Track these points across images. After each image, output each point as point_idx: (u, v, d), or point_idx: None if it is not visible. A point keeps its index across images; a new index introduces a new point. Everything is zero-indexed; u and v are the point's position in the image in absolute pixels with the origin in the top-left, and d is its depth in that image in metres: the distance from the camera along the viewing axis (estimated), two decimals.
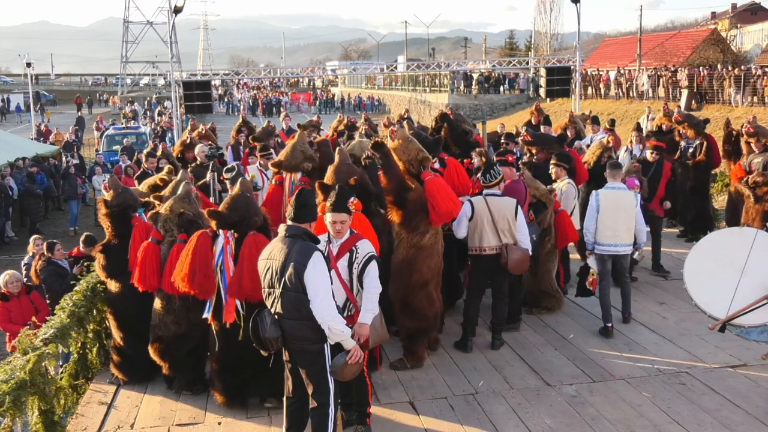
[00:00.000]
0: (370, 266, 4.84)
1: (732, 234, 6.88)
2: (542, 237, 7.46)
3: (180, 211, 5.82)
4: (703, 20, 68.97)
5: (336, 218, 4.79)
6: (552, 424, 5.35)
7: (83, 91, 64.83)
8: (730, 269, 6.48)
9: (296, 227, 4.47)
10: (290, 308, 4.37)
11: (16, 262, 8.51)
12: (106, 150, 23.41)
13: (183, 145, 10.50)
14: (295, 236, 4.43)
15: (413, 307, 6.12)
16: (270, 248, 4.53)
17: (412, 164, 6.17)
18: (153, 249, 5.81)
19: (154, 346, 5.88)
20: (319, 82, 66.98)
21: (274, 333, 4.41)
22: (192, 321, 5.72)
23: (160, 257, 5.77)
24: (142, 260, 5.76)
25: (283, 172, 7.27)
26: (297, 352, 4.50)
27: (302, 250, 4.34)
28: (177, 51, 50.60)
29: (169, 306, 5.78)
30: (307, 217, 4.53)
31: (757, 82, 24.22)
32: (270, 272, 4.43)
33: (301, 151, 7.09)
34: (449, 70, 39.49)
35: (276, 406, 5.47)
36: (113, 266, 6.17)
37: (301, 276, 4.30)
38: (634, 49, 38.88)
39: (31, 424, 5.16)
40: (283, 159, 7.14)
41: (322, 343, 4.43)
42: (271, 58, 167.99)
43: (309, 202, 4.57)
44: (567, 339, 7.02)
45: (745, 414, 5.44)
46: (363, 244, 4.90)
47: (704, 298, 6.66)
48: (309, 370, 4.50)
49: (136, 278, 5.79)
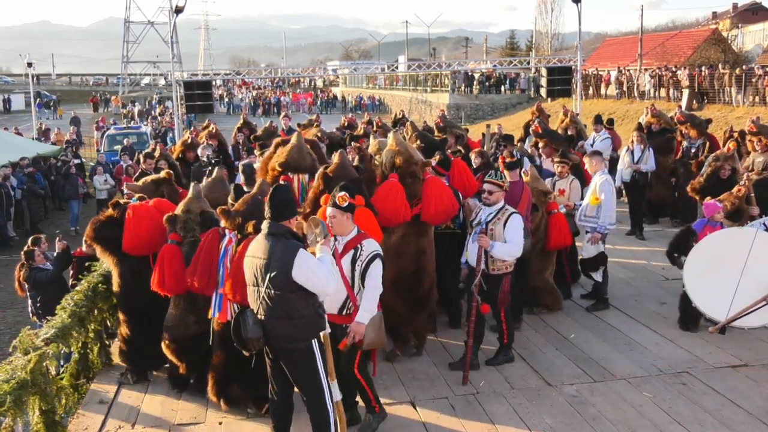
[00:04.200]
0: (373, 265, 4.83)
1: (731, 235, 6.87)
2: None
3: (201, 209, 5.81)
4: (704, 20, 68.88)
5: (329, 212, 4.87)
6: (553, 424, 5.35)
7: (84, 91, 64.92)
8: (730, 270, 6.49)
9: (278, 225, 4.44)
10: (275, 307, 4.35)
11: (17, 262, 8.50)
12: (107, 150, 23.44)
13: (184, 144, 10.52)
14: (277, 234, 4.40)
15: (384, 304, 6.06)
16: (253, 246, 4.51)
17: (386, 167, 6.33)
18: (175, 252, 5.67)
19: (172, 347, 5.80)
20: (320, 82, 66.97)
21: (255, 333, 4.38)
22: (210, 321, 5.66)
23: (183, 259, 5.66)
24: (162, 263, 5.61)
25: (289, 173, 7.06)
26: (284, 352, 4.47)
27: (286, 249, 4.33)
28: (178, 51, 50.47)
29: (193, 306, 5.72)
30: (286, 214, 4.49)
31: (759, 81, 24.20)
32: (254, 271, 4.42)
33: (308, 153, 7.05)
34: (450, 70, 39.43)
35: (256, 413, 5.49)
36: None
37: (288, 275, 4.28)
38: (635, 49, 38.87)
39: (32, 423, 5.15)
40: (286, 160, 6.97)
41: (310, 341, 4.42)
42: (272, 58, 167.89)
43: (283, 198, 4.51)
44: (568, 339, 7.02)
45: (746, 414, 5.44)
46: (368, 243, 4.89)
47: (704, 300, 6.66)
48: (299, 370, 4.47)
49: (155, 282, 5.63)
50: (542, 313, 7.69)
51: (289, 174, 7.02)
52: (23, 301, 9.12)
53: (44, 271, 7.96)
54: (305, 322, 4.40)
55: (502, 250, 5.95)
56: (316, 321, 4.46)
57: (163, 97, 50.46)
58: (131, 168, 14.45)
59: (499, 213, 6.09)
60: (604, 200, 7.49)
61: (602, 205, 7.50)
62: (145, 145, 21.50)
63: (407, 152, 6.44)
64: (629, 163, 10.60)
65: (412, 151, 6.53)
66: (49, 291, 7.81)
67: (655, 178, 11.09)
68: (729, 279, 6.50)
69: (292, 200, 4.61)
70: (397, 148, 6.43)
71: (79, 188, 17.00)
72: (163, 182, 7.10)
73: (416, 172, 6.39)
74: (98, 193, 16.86)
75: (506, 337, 6.39)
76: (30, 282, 7.98)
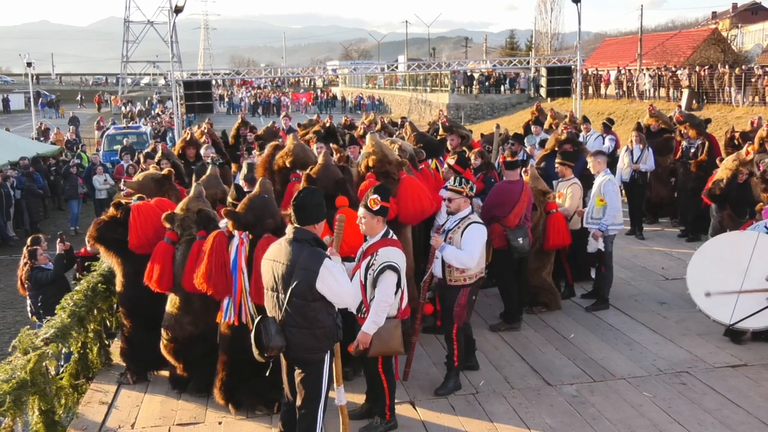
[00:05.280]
0: (383, 275, 4.78)
1: (734, 238, 6.89)
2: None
3: (198, 208, 5.81)
4: (704, 20, 68.95)
5: (360, 212, 4.94)
6: (553, 424, 5.35)
7: (84, 90, 64.89)
8: (733, 273, 6.49)
9: (303, 231, 4.28)
10: (295, 315, 4.24)
11: (17, 262, 8.50)
12: (107, 150, 23.45)
13: (184, 142, 10.49)
14: (302, 240, 4.26)
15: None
16: (275, 250, 4.36)
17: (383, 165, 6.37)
18: (168, 249, 5.70)
19: (169, 346, 5.80)
20: (320, 82, 66.98)
21: (278, 342, 4.24)
22: (209, 322, 5.64)
23: (173, 258, 5.69)
24: (156, 260, 5.65)
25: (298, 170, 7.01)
26: (298, 360, 4.40)
27: (311, 257, 4.19)
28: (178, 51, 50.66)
29: (188, 306, 5.70)
30: (311, 218, 4.30)
31: (758, 81, 24.21)
32: (274, 275, 4.29)
33: (310, 150, 7.08)
34: (450, 70, 39.49)
35: (266, 413, 5.48)
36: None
37: (312, 284, 4.17)
38: (634, 48, 38.89)
39: (32, 423, 5.15)
40: (295, 158, 6.94)
41: (324, 353, 4.36)
42: (272, 58, 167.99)
43: (308, 202, 4.32)
44: (568, 339, 7.02)
45: (745, 414, 5.44)
46: (384, 252, 4.83)
47: (708, 303, 6.67)
48: (305, 376, 4.41)
49: (147, 278, 5.66)
50: (542, 312, 7.69)
51: (298, 171, 7.02)
52: (23, 301, 9.12)
53: (45, 272, 7.97)
54: (324, 333, 4.30)
55: (452, 255, 5.56)
56: (334, 332, 4.37)
57: (163, 97, 50.47)
58: (132, 168, 14.46)
59: (461, 222, 5.69)
60: (608, 201, 7.50)
61: (607, 206, 7.51)
62: (145, 144, 21.51)
63: (381, 152, 6.45)
64: (629, 162, 10.60)
65: (387, 152, 6.53)
66: (49, 290, 7.82)
67: (654, 178, 11.10)
68: (732, 282, 6.50)
69: (321, 204, 4.41)
70: (371, 149, 6.47)
71: (78, 188, 17.00)
72: (163, 181, 7.11)
73: (390, 172, 6.39)
74: (98, 193, 16.86)
75: (456, 358, 5.81)
76: (31, 281, 7.98)
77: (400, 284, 4.90)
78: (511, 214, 6.92)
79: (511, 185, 7.05)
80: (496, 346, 6.89)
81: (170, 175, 7.19)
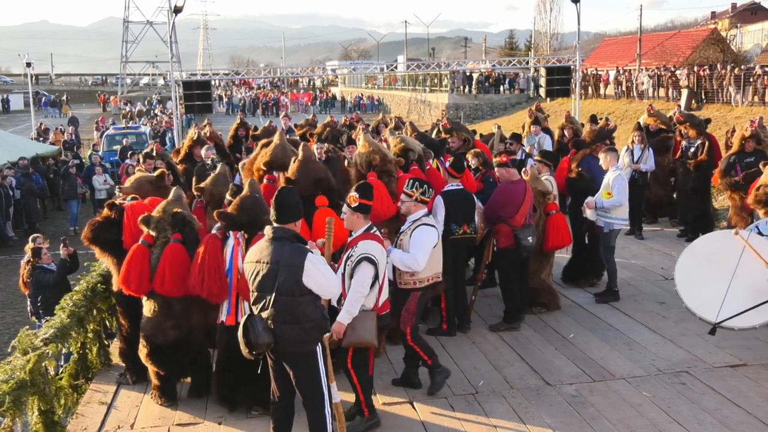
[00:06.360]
0: (359, 267, 4.85)
1: (724, 236, 6.89)
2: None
3: (174, 210, 5.80)
4: (703, 20, 69.01)
5: (344, 208, 5.06)
6: (552, 424, 5.35)
7: (84, 90, 64.88)
8: (721, 271, 6.48)
9: (283, 229, 4.39)
10: (283, 312, 4.30)
11: (17, 262, 8.50)
12: (106, 150, 23.44)
13: (192, 141, 10.44)
14: (282, 239, 4.35)
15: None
16: (257, 251, 4.44)
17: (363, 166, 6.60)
18: (143, 252, 5.59)
19: (150, 356, 5.60)
20: (319, 82, 66.97)
21: (266, 339, 4.29)
22: (193, 325, 5.61)
23: (149, 260, 5.58)
24: (131, 263, 5.53)
25: (274, 171, 7.10)
26: (288, 356, 4.42)
27: (294, 253, 4.29)
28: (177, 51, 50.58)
29: (168, 311, 5.56)
30: (291, 216, 4.44)
31: (758, 81, 24.23)
32: (259, 276, 4.35)
33: (291, 151, 7.08)
34: (449, 70, 39.50)
35: (262, 413, 5.47)
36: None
37: (298, 279, 4.25)
38: (634, 48, 38.92)
39: (31, 424, 5.15)
40: (270, 159, 7.02)
41: (314, 345, 4.41)
42: (272, 58, 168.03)
43: (288, 201, 4.45)
44: (567, 339, 7.02)
45: (745, 413, 5.44)
46: (363, 245, 4.90)
47: (695, 300, 6.67)
48: (302, 374, 4.44)
49: (122, 282, 5.53)
50: (541, 313, 7.69)
51: (273, 173, 7.09)
52: (22, 301, 9.12)
53: (47, 274, 7.95)
54: (312, 326, 4.37)
55: (397, 257, 5.51)
56: (322, 324, 4.45)
57: (163, 97, 50.45)
58: (132, 168, 14.44)
59: (412, 224, 5.65)
60: (615, 194, 7.71)
61: (614, 198, 7.72)
62: (145, 145, 21.49)
63: (381, 152, 6.67)
64: (629, 162, 10.60)
65: (386, 151, 6.76)
66: (49, 291, 7.81)
67: (653, 177, 11.10)
68: (720, 281, 6.50)
69: (298, 202, 4.54)
70: (371, 148, 6.66)
71: (78, 188, 16.99)
72: (158, 181, 7.09)
73: (392, 170, 6.61)
74: (98, 193, 16.84)
75: (426, 357, 5.75)
76: (32, 281, 7.98)
77: (378, 277, 4.95)
78: (517, 214, 6.95)
79: (513, 185, 7.08)
80: (496, 346, 6.89)
81: (164, 176, 7.18)
